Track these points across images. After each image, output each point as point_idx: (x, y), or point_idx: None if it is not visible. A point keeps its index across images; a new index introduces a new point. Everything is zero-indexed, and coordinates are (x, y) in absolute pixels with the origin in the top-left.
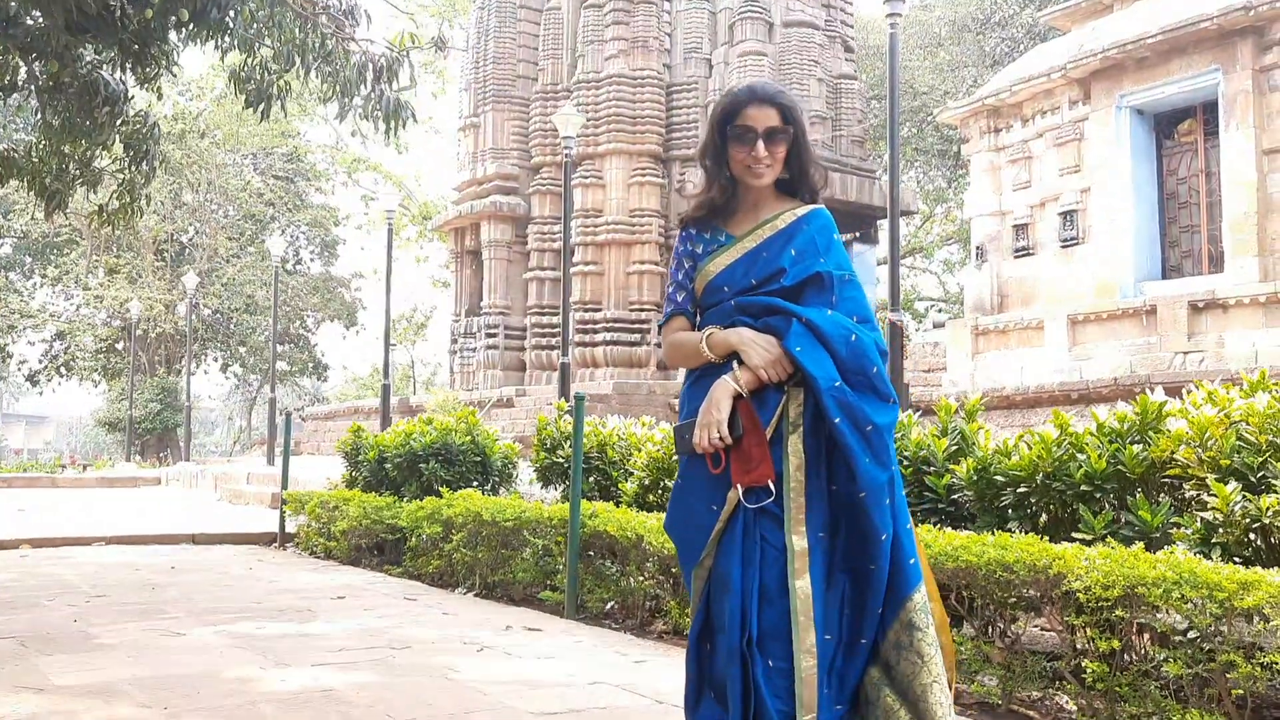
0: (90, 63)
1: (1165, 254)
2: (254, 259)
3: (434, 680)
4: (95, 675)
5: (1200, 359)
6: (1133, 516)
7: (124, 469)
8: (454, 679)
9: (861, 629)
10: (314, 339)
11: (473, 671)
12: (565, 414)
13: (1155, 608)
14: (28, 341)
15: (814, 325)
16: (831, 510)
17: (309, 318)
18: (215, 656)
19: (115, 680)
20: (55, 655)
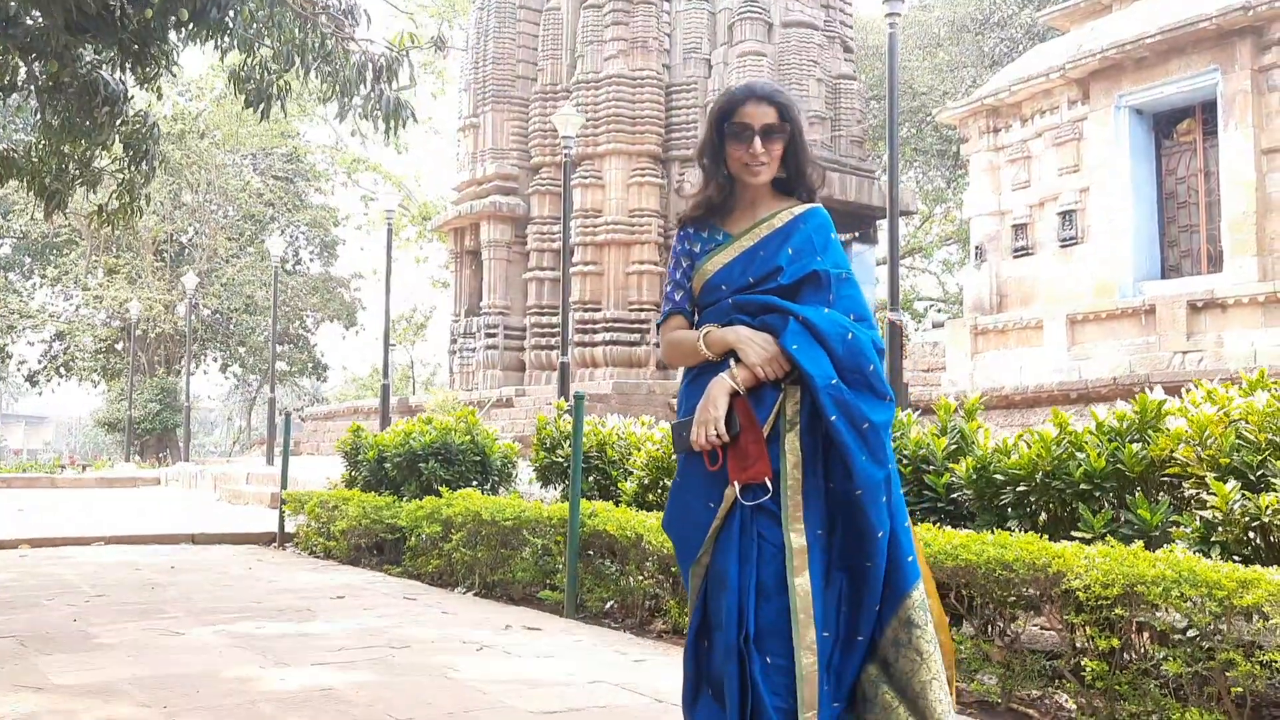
0: (90, 63)
1: (1164, 254)
2: (253, 259)
3: (433, 679)
4: (94, 675)
5: (1199, 358)
6: (1132, 515)
7: (123, 469)
8: (453, 678)
9: (859, 626)
10: (313, 339)
11: (472, 670)
12: (565, 413)
13: (1155, 606)
14: (27, 342)
15: (811, 323)
16: (828, 508)
17: (308, 318)
18: (215, 656)
19: (114, 680)
20: (54, 655)
